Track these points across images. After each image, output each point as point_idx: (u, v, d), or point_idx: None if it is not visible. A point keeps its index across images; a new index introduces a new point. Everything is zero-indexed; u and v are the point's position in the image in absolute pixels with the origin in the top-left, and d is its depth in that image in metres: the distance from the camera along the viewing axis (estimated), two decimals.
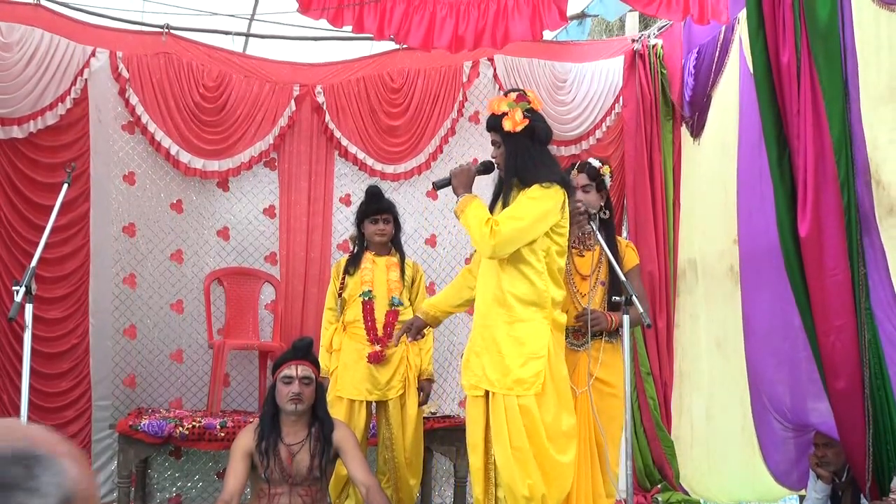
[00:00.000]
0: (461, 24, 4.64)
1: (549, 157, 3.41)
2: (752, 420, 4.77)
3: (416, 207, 5.70)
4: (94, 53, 5.14)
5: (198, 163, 5.30)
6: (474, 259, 3.57)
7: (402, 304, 4.37)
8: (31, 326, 3.24)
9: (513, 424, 3.14)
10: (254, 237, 5.52)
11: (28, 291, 3.14)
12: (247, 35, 5.80)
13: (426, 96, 5.64)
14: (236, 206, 5.51)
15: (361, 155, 5.57)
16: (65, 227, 5.01)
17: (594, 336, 3.53)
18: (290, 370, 3.56)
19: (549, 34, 5.46)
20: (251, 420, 3.90)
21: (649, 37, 5.89)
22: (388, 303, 4.34)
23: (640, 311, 3.36)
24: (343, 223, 5.51)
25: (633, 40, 5.92)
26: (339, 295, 4.43)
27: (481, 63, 5.72)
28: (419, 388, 4.37)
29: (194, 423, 4.50)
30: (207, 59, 5.40)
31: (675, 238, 5.72)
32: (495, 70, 5.73)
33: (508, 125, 3.25)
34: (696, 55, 5.52)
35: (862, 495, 3.85)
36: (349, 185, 5.61)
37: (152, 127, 5.23)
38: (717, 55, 5.21)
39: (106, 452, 5.08)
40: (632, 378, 3.56)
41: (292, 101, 5.49)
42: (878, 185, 3.75)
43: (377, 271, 4.38)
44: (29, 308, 3.19)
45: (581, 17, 6.25)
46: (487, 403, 3.24)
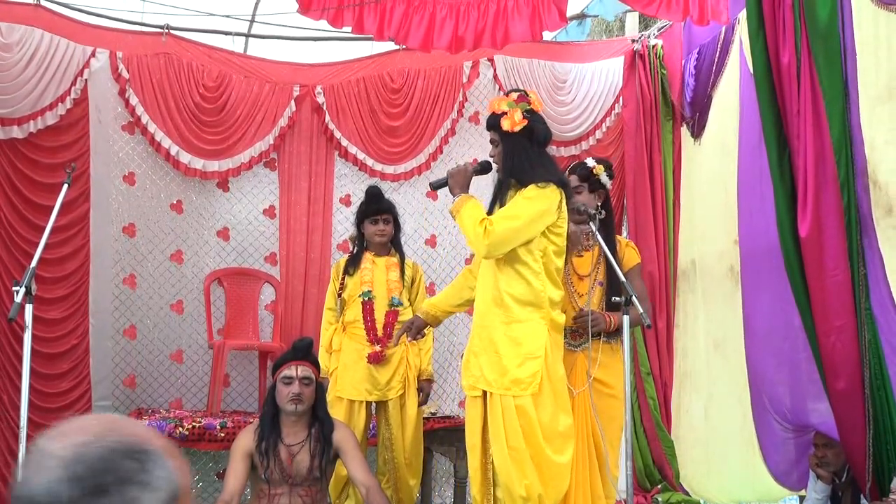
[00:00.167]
0: (461, 25, 4.64)
1: (548, 159, 3.42)
2: (752, 420, 4.77)
3: (416, 208, 5.70)
4: (94, 54, 5.14)
5: (198, 163, 5.30)
6: (475, 259, 3.57)
7: (401, 305, 4.37)
8: (31, 327, 3.23)
9: (509, 424, 3.14)
10: (254, 237, 5.52)
11: (28, 292, 3.14)
12: (247, 35, 5.80)
13: (426, 97, 5.64)
14: (236, 206, 5.51)
15: (361, 155, 5.57)
16: (65, 228, 5.00)
17: (593, 337, 3.53)
18: (290, 371, 3.56)
19: (548, 34, 5.46)
20: (251, 420, 3.90)
21: (649, 37, 5.90)
22: (388, 303, 4.34)
23: (640, 311, 3.36)
24: (343, 223, 5.51)
25: (633, 41, 5.92)
26: (339, 295, 4.43)
27: (481, 63, 5.72)
28: (419, 389, 4.37)
29: (194, 424, 4.50)
30: (207, 59, 5.40)
31: (675, 238, 5.72)
32: (495, 70, 5.73)
33: (507, 125, 3.27)
34: (696, 55, 5.52)
35: (862, 496, 3.85)
36: (349, 185, 5.61)
37: (152, 127, 5.23)
38: (717, 55, 5.21)
39: None
40: (632, 378, 3.55)
41: (292, 102, 5.49)
42: (875, 185, 3.75)
43: (377, 271, 4.38)
44: (29, 308, 3.18)
45: (581, 17, 6.25)
46: (486, 404, 3.25)
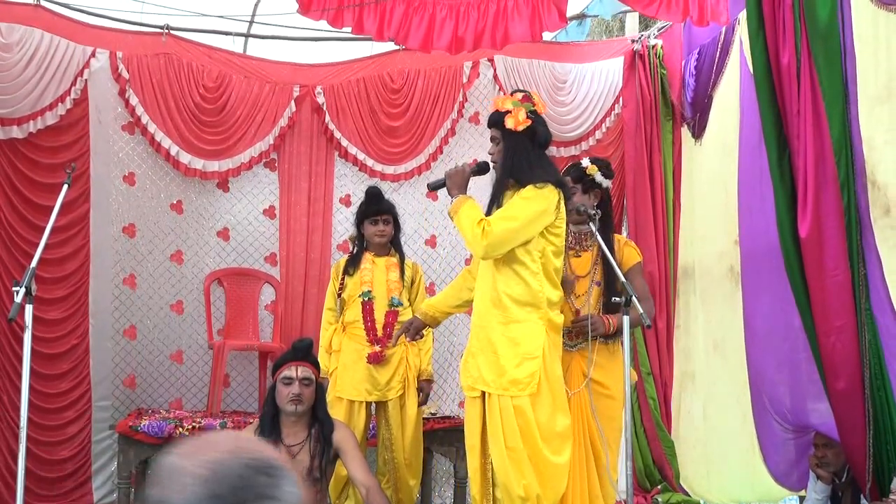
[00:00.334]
0: (461, 26, 4.64)
1: (547, 161, 3.44)
2: (752, 420, 4.77)
3: (416, 208, 5.69)
4: (94, 54, 5.14)
5: (198, 163, 5.30)
6: (474, 260, 3.57)
7: (401, 305, 4.37)
8: (31, 327, 3.23)
9: (507, 425, 3.15)
10: (254, 238, 5.52)
11: (28, 292, 3.14)
12: (247, 35, 5.80)
13: (426, 97, 5.64)
14: (236, 206, 5.51)
15: (361, 156, 5.57)
16: (65, 228, 5.00)
17: (593, 337, 3.53)
18: (289, 371, 3.56)
19: (548, 35, 5.45)
20: (251, 421, 3.91)
21: (649, 37, 5.89)
22: (388, 303, 4.34)
23: (640, 311, 3.36)
24: (343, 224, 5.51)
25: (633, 41, 5.92)
26: (339, 295, 4.43)
27: (481, 64, 5.72)
28: (419, 389, 4.37)
29: (194, 424, 4.50)
30: (207, 59, 5.40)
31: (675, 239, 5.72)
32: (495, 71, 5.73)
33: (511, 123, 3.28)
34: (696, 56, 5.53)
35: (862, 496, 3.85)
36: (349, 185, 5.61)
37: (152, 127, 5.23)
38: (717, 56, 5.22)
39: (106, 453, 5.08)
40: (631, 379, 3.55)
41: (292, 102, 5.49)
42: (873, 185, 3.76)
43: (377, 272, 4.38)
44: (29, 309, 3.18)
45: (581, 17, 6.25)
46: (485, 404, 3.25)
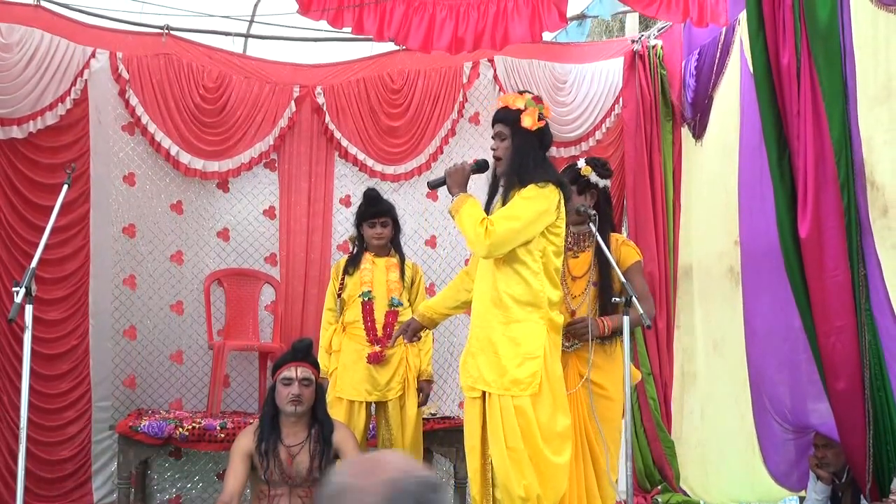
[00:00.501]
0: (461, 26, 4.64)
1: (548, 162, 3.46)
2: (751, 421, 4.77)
3: (417, 208, 5.69)
4: (94, 54, 5.14)
5: (198, 164, 5.30)
6: (471, 261, 3.57)
7: (401, 305, 4.37)
8: (31, 328, 3.23)
9: (508, 425, 3.14)
10: (254, 238, 5.52)
11: (28, 292, 3.13)
12: (247, 36, 5.80)
13: (426, 97, 5.64)
14: (236, 207, 5.51)
15: (361, 156, 5.57)
16: (65, 228, 5.00)
17: (596, 338, 3.54)
18: (289, 372, 3.56)
19: (548, 35, 5.46)
20: (251, 421, 3.90)
21: (649, 38, 5.90)
22: (388, 303, 4.34)
23: (640, 312, 3.36)
24: (343, 224, 5.51)
25: (633, 41, 5.92)
26: (339, 295, 4.43)
27: (481, 64, 5.72)
28: (419, 389, 4.37)
29: (194, 424, 4.50)
30: (207, 59, 5.40)
31: (675, 239, 5.72)
32: (495, 71, 5.73)
33: (528, 122, 3.29)
34: (697, 56, 5.52)
35: (862, 496, 3.85)
36: (349, 185, 5.61)
37: (152, 128, 5.23)
38: (718, 56, 5.21)
39: (106, 453, 5.08)
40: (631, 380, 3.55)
41: (292, 102, 5.49)
42: (872, 186, 3.76)
43: (377, 272, 4.38)
44: (29, 309, 3.18)
45: (581, 17, 6.25)
46: (484, 404, 3.25)
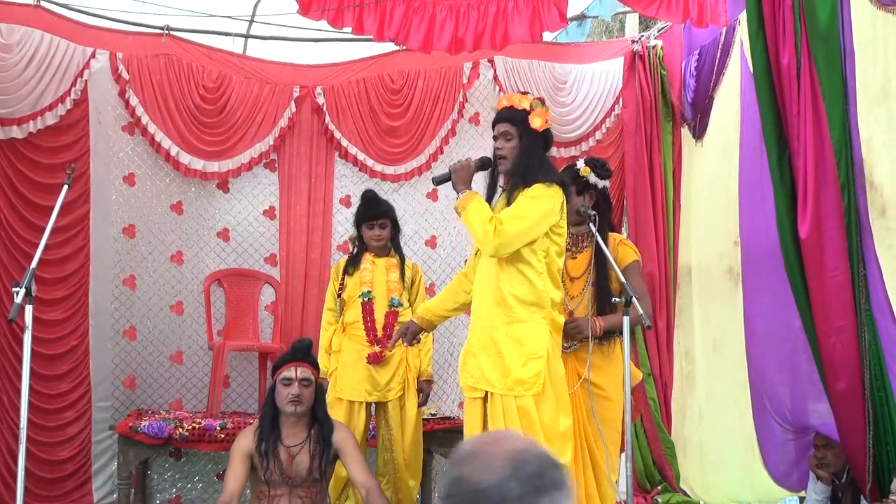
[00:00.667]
0: (461, 26, 4.64)
1: (551, 164, 3.49)
2: (751, 421, 4.77)
3: (417, 209, 5.70)
4: (94, 55, 5.14)
5: (198, 164, 5.30)
6: (469, 262, 3.55)
7: (401, 305, 4.37)
8: (31, 328, 3.23)
9: (511, 425, 3.13)
10: (254, 238, 5.52)
11: (28, 293, 3.13)
12: (246, 36, 5.80)
13: (426, 97, 5.65)
14: (236, 207, 5.51)
15: (361, 156, 5.57)
16: (65, 229, 5.00)
17: (585, 340, 3.54)
18: (289, 372, 3.56)
19: (548, 35, 5.46)
20: (251, 421, 3.90)
21: (649, 38, 5.90)
22: (388, 304, 4.34)
23: (640, 312, 3.36)
24: (343, 224, 5.51)
25: (633, 41, 5.92)
26: (339, 296, 4.43)
27: (481, 64, 5.73)
28: (419, 390, 4.37)
29: (194, 425, 4.50)
30: (207, 60, 5.40)
31: (675, 239, 5.72)
32: (495, 71, 5.73)
33: (538, 122, 3.29)
34: (697, 56, 5.52)
35: (862, 497, 3.85)
36: (349, 186, 5.61)
37: (152, 128, 5.23)
38: (718, 56, 5.21)
39: (106, 454, 5.08)
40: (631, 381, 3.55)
41: (292, 103, 5.49)
42: (870, 186, 3.76)
43: (377, 272, 4.38)
44: (29, 309, 3.18)
45: (581, 18, 6.25)
46: (483, 405, 3.24)
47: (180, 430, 4.44)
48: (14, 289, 3.14)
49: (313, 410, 3.60)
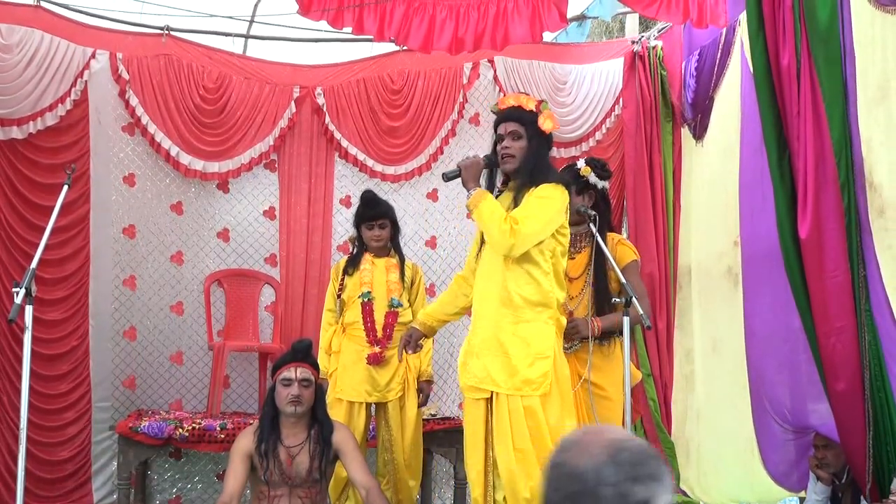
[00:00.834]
0: (461, 27, 4.64)
1: (553, 165, 3.50)
2: (751, 422, 4.77)
3: (417, 209, 5.69)
4: (94, 55, 5.14)
5: (198, 164, 5.31)
6: (467, 265, 3.53)
7: (401, 306, 4.37)
8: (30, 328, 3.23)
9: (517, 426, 3.12)
10: (254, 239, 5.52)
11: (28, 293, 3.13)
12: (246, 36, 5.80)
13: (426, 97, 5.65)
14: (236, 207, 5.51)
15: (361, 156, 5.57)
16: (65, 229, 5.00)
17: (584, 340, 3.54)
18: (289, 372, 3.56)
19: (548, 36, 5.46)
20: (251, 422, 3.90)
21: (649, 38, 5.90)
22: (388, 304, 4.34)
23: (640, 311, 3.36)
24: (343, 224, 5.51)
25: (633, 42, 5.92)
26: (339, 296, 4.43)
27: (481, 65, 5.73)
28: (419, 390, 4.37)
29: (194, 425, 4.50)
30: (207, 60, 5.40)
31: (676, 239, 5.71)
32: (495, 72, 5.73)
33: (549, 125, 3.30)
34: (697, 57, 5.52)
35: (862, 497, 3.84)
36: (349, 186, 5.61)
37: (152, 128, 5.23)
38: (718, 57, 5.21)
39: (106, 454, 5.08)
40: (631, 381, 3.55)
41: (292, 103, 5.49)
42: (870, 186, 3.76)
43: (376, 272, 4.38)
44: (29, 310, 3.18)
45: (581, 18, 6.25)
46: (487, 406, 3.23)
47: (180, 430, 4.45)
48: (14, 289, 3.14)
49: (313, 411, 3.60)
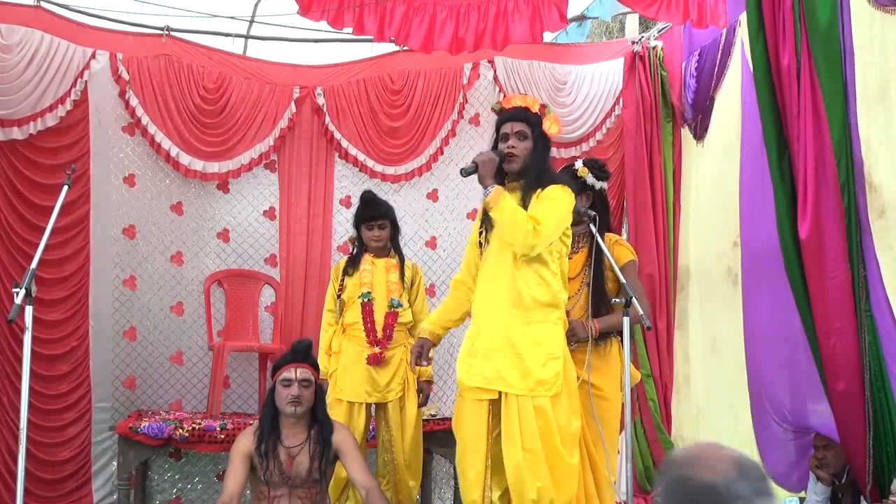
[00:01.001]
0: (461, 27, 4.65)
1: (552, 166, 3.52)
2: (751, 422, 4.77)
3: (417, 209, 5.69)
4: (94, 55, 5.14)
5: (198, 164, 5.31)
6: (463, 269, 3.51)
7: (401, 306, 4.36)
8: (30, 328, 3.23)
9: (526, 426, 3.11)
10: (254, 239, 5.52)
11: (28, 293, 3.13)
12: (247, 37, 5.81)
13: (426, 98, 5.65)
14: (236, 207, 5.51)
15: (362, 156, 5.57)
16: (65, 229, 5.00)
17: (582, 340, 3.54)
18: (289, 373, 3.56)
19: (548, 36, 5.46)
20: (251, 422, 3.90)
21: (649, 39, 5.90)
22: (388, 304, 4.34)
23: (640, 312, 3.36)
24: (343, 225, 5.51)
25: (633, 42, 5.92)
26: (339, 297, 4.43)
27: (481, 65, 5.73)
28: (418, 390, 4.37)
29: (194, 425, 4.50)
30: (207, 60, 5.40)
31: (675, 240, 5.71)
32: (495, 72, 5.73)
33: (555, 129, 3.32)
34: (697, 57, 5.52)
35: (862, 497, 3.84)
36: (349, 186, 5.61)
37: (152, 129, 5.23)
38: (719, 57, 5.21)
39: (106, 454, 5.08)
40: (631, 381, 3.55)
41: (292, 103, 5.49)
42: (870, 186, 3.76)
43: (376, 273, 4.38)
44: (29, 310, 3.18)
45: (581, 18, 6.25)
46: (489, 408, 3.22)
47: (180, 430, 4.44)
48: (14, 289, 3.14)
49: (313, 411, 3.60)
